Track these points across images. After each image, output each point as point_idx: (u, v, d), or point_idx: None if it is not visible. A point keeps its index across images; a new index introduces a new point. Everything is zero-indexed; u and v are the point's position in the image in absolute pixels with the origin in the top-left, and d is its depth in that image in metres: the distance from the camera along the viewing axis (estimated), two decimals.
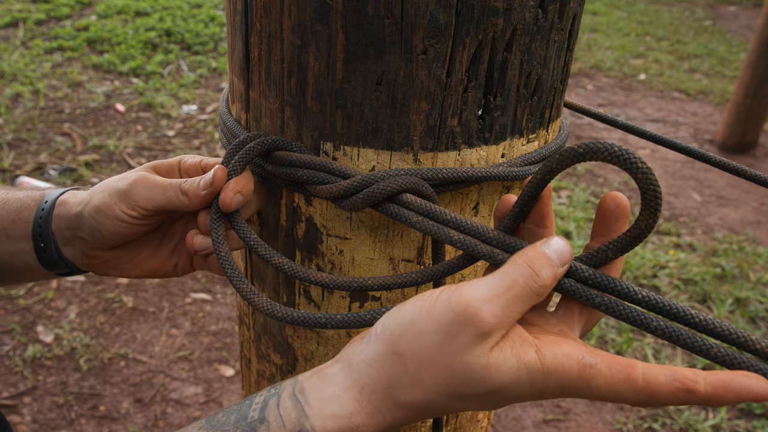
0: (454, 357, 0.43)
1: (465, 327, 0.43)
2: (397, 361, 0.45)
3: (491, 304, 0.43)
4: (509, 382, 0.43)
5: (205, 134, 4.01)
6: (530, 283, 0.44)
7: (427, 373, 0.44)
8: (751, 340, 0.42)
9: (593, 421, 2.26)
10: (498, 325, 0.43)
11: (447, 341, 0.43)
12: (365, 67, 0.50)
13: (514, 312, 0.43)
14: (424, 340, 0.44)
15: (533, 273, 0.44)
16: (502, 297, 0.43)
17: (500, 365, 0.43)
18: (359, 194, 0.52)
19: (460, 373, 0.43)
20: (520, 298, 0.43)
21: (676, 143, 0.72)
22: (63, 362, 2.33)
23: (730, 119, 4.35)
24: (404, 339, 0.45)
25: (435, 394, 0.45)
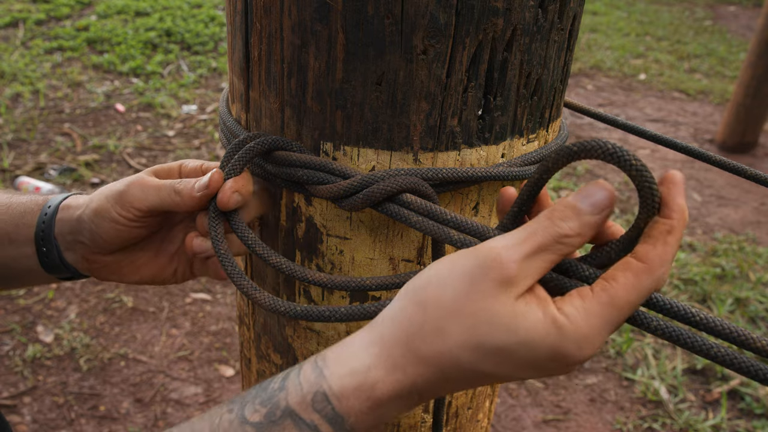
0: (477, 303, 0.42)
1: (488, 272, 0.42)
2: (419, 311, 0.44)
3: (512, 250, 0.42)
4: (537, 335, 0.42)
5: (205, 134, 4.01)
6: (550, 234, 0.43)
7: (450, 320, 0.43)
8: (752, 338, 0.42)
9: (593, 421, 2.26)
10: (521, 274, 0.42)
11: (470, 287, 0.42)
12: (365, 67, 0.50)
13: (537, 262, 0.42)
14: (447, 287, 0.43)
15: (551, 224, 0.43)
16: (524, 246, 0.42)
17: (527, 314, 0.42)
18: (359, 194, 0.52)
19: (484, 320, 0.42)
20: (541, 248, 0.42)
21: (676, 143, 0.72)
22: (63, 362, 2.33)
23: (730, 119, 4.35)
24: (427, 289, 0.44)
25: (458, 347, 0.42)
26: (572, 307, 0.42)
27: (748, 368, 0.42)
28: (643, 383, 2.41)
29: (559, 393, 2.37)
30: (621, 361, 2.53)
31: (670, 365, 2.51)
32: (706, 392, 2.41)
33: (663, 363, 2.51)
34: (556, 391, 2.38)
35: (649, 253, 0.42)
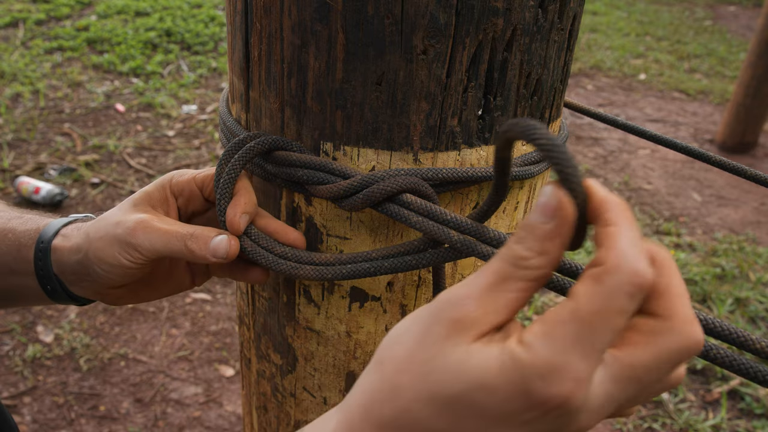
0: (429, 349, 0.37)
1: (441, 314, 0.37)
2: (378, 369, 0.39)
3: (466, 288, 0.37)
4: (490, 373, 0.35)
5: (205, 134, 4.01)
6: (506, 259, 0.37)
7: (404, 374, 0.38)
8: (751, 339, 0.42)
9: None
10: (479, 311, 0.36)
11: (424, 334, 0.37)
12: (365, 67, 0.50)
13: (501, 295, 0.36)
14: (403, 340, 0.39)
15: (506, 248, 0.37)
16: (479, 280, 0.37)
17: (481, 352, 0.35)
18: (359, 194, 0.52)
19: (436, 367, 0.36)
20: (501, 278, 0.37)
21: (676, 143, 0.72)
22: (63, 362, 2.33)
23: (730, 119, 4.35)
24: (386, 345, 0.40)
25: (413, 402, 0.37)
26: (530, 334, 0.35)
27: (747, 370, 0.41)
28: None
29: None
30: None
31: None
32: (706, 392, 2.41)
33: None
34: None
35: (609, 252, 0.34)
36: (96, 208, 3.19)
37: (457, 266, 0.59)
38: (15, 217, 0.67)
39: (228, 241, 0.55)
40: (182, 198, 0.62)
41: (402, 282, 0.58)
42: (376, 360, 0.40)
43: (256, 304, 0.68)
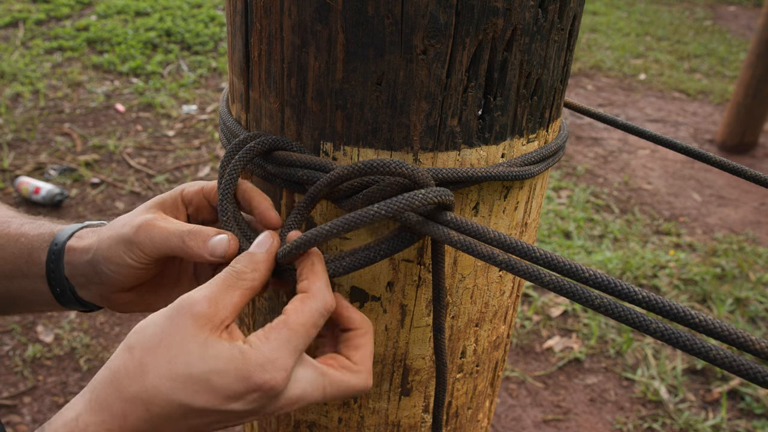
0: (174, 337, 0.47)
1: (182, 310, 0.48)
2: (127, 353, 0.48)
3: (203, 291, 0.49)
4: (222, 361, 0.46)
5: (205, 134, 4.01)
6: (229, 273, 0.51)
7: (151, 356, 0.47)
8: (751, 340, 0.42)
9: (593, 421, 2.26)
10: (212, 309, 0.48)
11: (168, 326, 0.47)
12: (365, 67, 0.50)
13: (227, 298, 0.49)
14: (150, 330, 0.48)
15: (232, 267, 0.51)
16: (212, 286, 0.50)
17: (216, 345, 0.47)
18: (359, 194, 0.52)
19: (181, 352, 0.46)
20: (226, 285, 0.50)
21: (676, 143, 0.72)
22: (63, 362, 2.33)
23: (730, 119, 4.35)
24: (135, 333, 0.49)
25: (158, 379, 0.46)
26: (254, 336, 0.49)
27: (747, 371, 0.41)
28: (643, 383, 2.41)
29: (559, 393, 2.37)
30: (621, 361, 2.53)
31: (670, 365, 2.51)
32: (706, 392, 2.41)
33: (663, 363, 2.51)
34: (556, 391, 2.38)
35: (312, 284, 0.52)
36: (96, 208, 3.19)
37: (457, 266, 0.59)
38: (28, 222, 0.69)
39: (227, 240, 0.56)
40: (192, 207, 0.63)
41: (402, 282, 0.58)
42: (126, 346, 0.48)
43: (256, 304, 0.68)
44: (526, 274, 0.47)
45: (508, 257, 0.48)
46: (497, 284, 0.62)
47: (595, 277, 0.46)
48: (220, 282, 0.50)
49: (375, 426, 0.66)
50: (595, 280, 0.46)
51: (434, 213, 0.51)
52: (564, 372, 2.46)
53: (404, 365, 0.62)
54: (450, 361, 0.64)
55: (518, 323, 2.67)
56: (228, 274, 0.51)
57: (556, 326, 2.67)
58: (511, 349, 2.55)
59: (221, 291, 0.49)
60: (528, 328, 2.64)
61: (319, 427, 0.67)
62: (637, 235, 3.33)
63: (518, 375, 2.42)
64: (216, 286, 0.50)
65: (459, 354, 0.64)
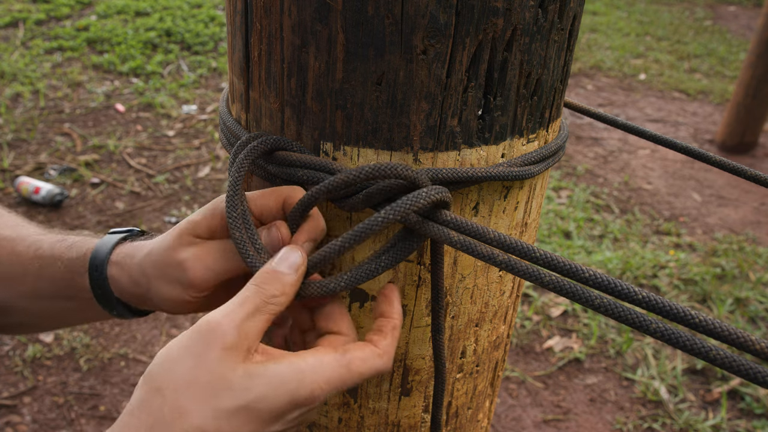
0: (211, 373, 0.44)
1: (210, 342, 0.45)
2: (157, 396, 0.44)
3: (229, 317, 0.46)
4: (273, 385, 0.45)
5: (205, 134, 4.01)
6: (260, 298, 0.48)
7: (188, 396, 0.44)
8: (751, 340, 0.42)
9: (593, 421, 2.26)
10: (240, 336, 0.45)
11: (198, 361, 0.45)
12: (365, 67, 0.50)
13: (254, 323, 0.47)
14: (178, 367, 0.45)
15: (259, 290, 0.48)
16: (239, 311, 0.46)
17: (259, 370, 0.45)
18: (359, 195, 0.52)
19: (221, 387, 0.44)
20: (255, 311, 0.47)
21: (676, 143, 0.72)
22: (63, 362, 2.33)
23: (730, 119, 4.35)
24: (160, 374, 0.45)
25: (202, 419, 0.43)
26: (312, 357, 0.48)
27: (747, 371, 0.41)
28: (643, 383, 2.41)
29: (559, 393, 2.37)
30: (621, 361, 2.53)
31: (670, 365, 2.51)
32: (706, 392, 2.41)
33: (663, 363, 2.51)
34: (556, 391, 2.38)
35: (381, 341, 0.51)
36: (96, 208, 3.19)
37: (457, 266, 0.59)
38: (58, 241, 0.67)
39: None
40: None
41: (402, 282, 0.58)
42: (152, 388, 0.45)
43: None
44: (526, 274, 0.47)
45: (508, 257, 0.48)
46: (497, 284, 0.62)
47: (595, 277, 0.46)
48: (249, 305, 0.47)
49: (375, 426, 0.66)
50: (594, 281, 0.46)
51: (434, 213, 0.51)
52: (564, 372, 2.46)
53: (404, 365, 0.62)
54: (450, 361, 0.64)
55: (518, 323, 2.67)
56: (257, 297, 0.48)
57: (556, 326, 2.67)
58: (511, 349, 2.55)
59: (249, 316, 0.47)
60: (528, 328, 2.64)
61: (319, 427, 0.67)
62: (637, 235, 3.33)
63: (518, 375, 2.42)
64: (243, 311, 0.47)
65: (459, 354, 0.64)
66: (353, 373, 0.48)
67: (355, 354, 0.49)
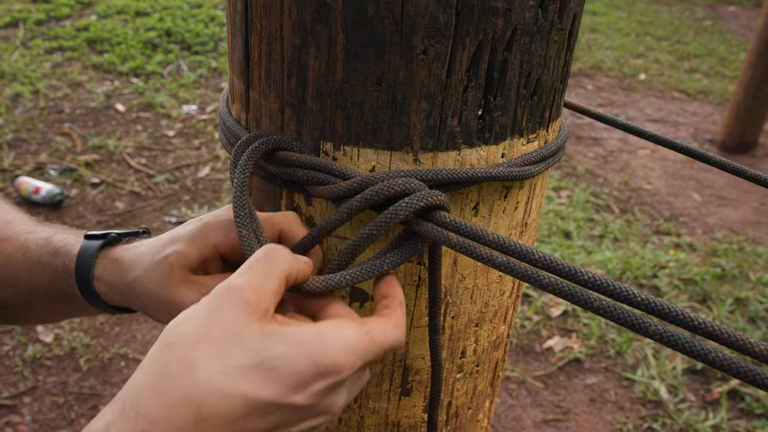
0: (223, 329, 0.42)
1: (225, 299, 0.43)
2: (167, 351, 0.42)
3: (242, 278, 0.45)
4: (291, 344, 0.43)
5: (205, 134, 4.01)
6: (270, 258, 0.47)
7: (198, 351, 0.41)
8: (750, 343, 0.42)
9: (593, 421, 2.26)
10: (256, 295, 0.44)
11: (212, 316, 0.43)
12: (365, 67, 0.50)
13: (267, 283, 0.45)
14: (191, 322, 0.43)
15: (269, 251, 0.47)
16: (250, 272, 0.45)
17: (276, 329, 0.43)
18: (357, 197, 0.52)
19: (234, 342, 0.42)
20: (268, 269, 0.46)
21: (676, 143, 0.72)
22: (63, 362, 2.33)
23: (730, 119, 4.35)
24: (172, 329, 0.43)
25: (211, 374, 0.40)
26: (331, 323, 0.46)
27: (746, 373, 0.41)
28: (643, 383, 2.41)
29: (559, 393, 2.37)
30: (621, 361, 2.53)
31: (670, 365, 2.51)
32: (706, 392, 2.41)
33: (663, 363, 2.51)
34: (556, 391, 2.38)
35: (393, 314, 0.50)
36: (96, 208, 3.19)
37: (457, 266, 0.59)
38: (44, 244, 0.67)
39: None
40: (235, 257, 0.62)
41: (402, 282, 0.58)
42: (164, 343, 0.43)
43: None
44: (524, 276, 0.47)
45: (507, 259, 0.48)
46: (497, 284, 0.62)
47: (594, 279, 0.46)
48: (260, 267, 0.46)
49: (375, 426, 0.66)
50: (593, 283, 0.46)
51: (433, 216, 0.51)
52: (564, 372, 2.46)
53: (404, 365, 0.62)
54: (450, 361, 0.64)
55: (518, 323, 2.67)
56: (267, 261, 0.47)
57: (556, 326, 2.67)
58: (511, 349, 2.55)
59: (262, 277, 0.45)
60: (528, 328, 2.64)
61: None
62: (637, 235, 3.33)
63: (518, 375, 2.42)
64: (255, 272, 0.45)
65: (459, 354, 0.64)
66: (375, 342, 0.46)
67: (374, 324, 0.47)
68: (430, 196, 0.50)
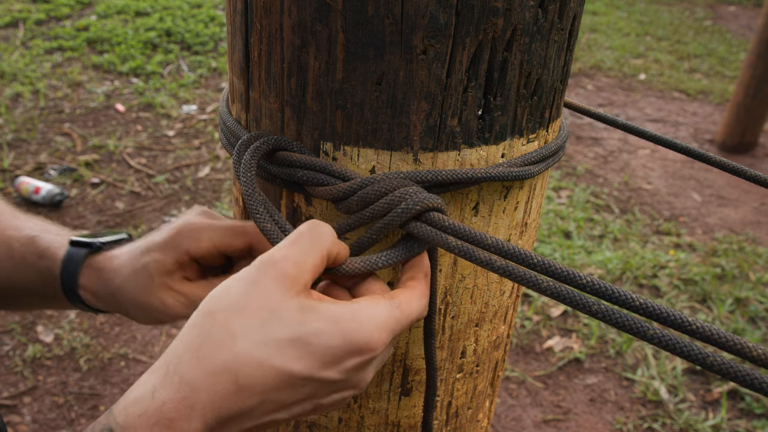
0: (263, 300, 0.43)
1: (266, 272, 0.44)
2: (208, 320, 0.43)
3: (284, 251, 0.45)
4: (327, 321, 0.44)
5: (205, 134, 4.01)
6: (313, 232, 0.47)
7: (238, 321, 0.43)
8: (748, 347, 0.42)
9: (593, 420, 2.26)
10: (297, 270, 0.45)
11: (253, 288, 0.44)
12: (365, 67, 0.50)
13: (309, 258, 0.46)
14: (232, 292, 0.44)
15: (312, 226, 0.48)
16: (293, 247, 0.46)
17: (314, 305, 0.44)
18: (353, 197, 0.52)
19: (273, 315, 0.43)
20: (309, 244, 0.46)
21: (676, 143, 0.72)
22: (63, 362, 2.33)
23: (730, 119, 4.35)
24: (213, 298, 0.45)
25: (251, 345, 0.42)
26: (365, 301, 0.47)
27: (744, 377, 0.41)
28: (643, 383, 2.41)
29: (559, 393, 2.37)
30: (621, 361, 2.53)
31: (670, 365, 2.51)
32: (706, 392, 2.41)
33: (663, 363, 2.51)
34: (556, 391, 2.38)
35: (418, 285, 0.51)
36: (96, 208, 3.19)
37: (457, 266, 0.59)
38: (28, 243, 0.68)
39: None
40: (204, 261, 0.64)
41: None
42: (204, 311, 0.44)
43: None
44: (523, 280, 0.47)
45: (505, 263, 0.48)
46: (497, 284, 0.62)
47: (593, 283, 0.46)
48: (303, 242, 0.46)
49: (375, 426, 0.66)
50: (592, 287, 0.46)
51: (432, 218, 0.51)
52: (564, 372, 2.46)
53: (404, 365, 0.62)
54: (450, 361, 0.64)
55: (518, 323, 2.67)
56: (310, 233, 0.47)
57: (556, 326, 2.67)
58: (511, 349, 2.55)
59: (304, 252, 0.46)
60: (528, 328, 2.64)
61: (319, 427, 0.67)
62: (637, 235, 3.33)
63: (518, 375, 2.42)
64: (298, 246, 0.46)
65: (459, 354, 0.64)
66: (404, 314, 0.48)
67: (402, 297, 0.49)
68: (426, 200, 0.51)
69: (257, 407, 0.43)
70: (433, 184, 0.53)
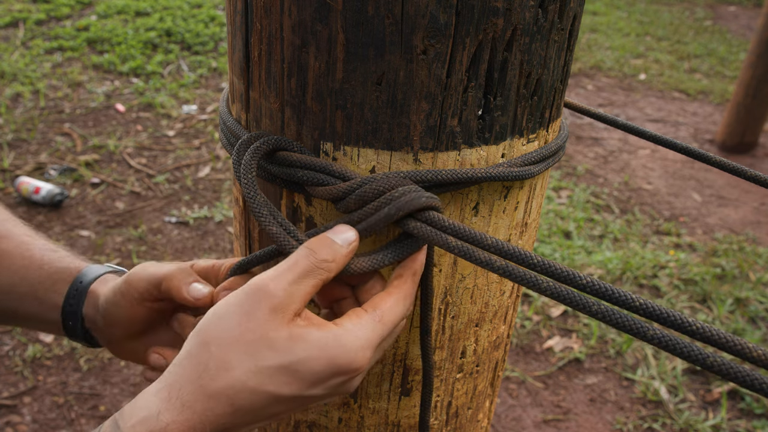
0: (255, 331, 0.47)
1: (259, 302, 0.47)
2: (204, 350, 0.47)
3: (278, 280, 0.48)
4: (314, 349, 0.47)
5: (205, 134, 4.01)
6: (311, 261, 0.49)
7: (233, 352, 0.47)
8: (749, 348, 0.42)
9: (593, 421, 2.26)
10: (288, 299, 0.47)
11: (246, 319, 0.47)
12: (365, 67, 0.50)
13: (301, 287, 0.48)
14: (225, 323, 0.48)
15: (311, 252, 0.49)
16: (288, 274, 0.48)
17: (304, 335, 0.48)
18: (351, 196, 0.52)
19: (264, 345, 0.47)
20: (304, 274, 0.49)
21: (676, 143, 0.72)
22: (63, 362, 2.33)
23: (730, 119, 4.35)
24: (209, 328, 0.48)
25: (244, 374, 0.46)
26: (350, 322, 0.49)
27: (744, 378, 0.41)
28: (643, 383, 2.41)
29: (559, 393, 2.37)
30: (621, 361, 2.53)
31: (670, 365, 2.51)
32: (706, 392, 2.41)
33: (663, 363, 2.51)
34: (556, 391, 2.38)
35: (402, 285, 0.52)
36: (96, 208, 3.19)
37: (457, 266, 0.59)
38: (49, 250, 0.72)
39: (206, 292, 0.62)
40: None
41: None
42: (201, 342, 0.48)
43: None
44: (523, 280, 0.47)
45: (505, 263, 0.48)
46: (497, 284, 0.62)
47: (593, 284, 0.46)
48: (299, 269, 0.49)
49: (375, 426, 0.66)
50: (592, 287, 0.46)
51: (432, 218, 0.51)
52: (564, 372, 2.46)
53: (404, 365, 0.62)
54: (450, 361, 0.64)
55: (518, 323, 2.67)
56: (308, 260, 0.49)
57: (556, 326, 2.67)
58: (511, 349, 2.55)
59: (298, 280, 0.48)
60: (528, 328, 2.64)
61: (319, 427, 0.67)
62: (637, 235, 3.33)
63: (518, 375, 2.42)
64: (293, 274, 0.48)
65: (459, 354, 0.64)
66: (387, 325, 0.50)
67: (384, 306, 0.51)
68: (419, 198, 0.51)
69: (251, 421, 0.49)
70: (433, 184, 0.53)
